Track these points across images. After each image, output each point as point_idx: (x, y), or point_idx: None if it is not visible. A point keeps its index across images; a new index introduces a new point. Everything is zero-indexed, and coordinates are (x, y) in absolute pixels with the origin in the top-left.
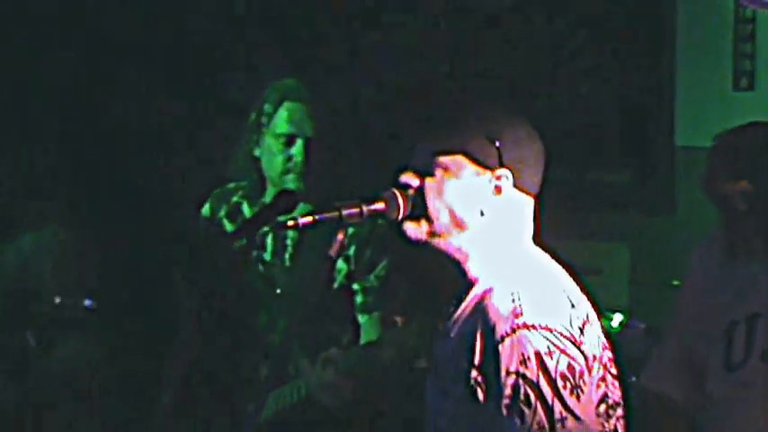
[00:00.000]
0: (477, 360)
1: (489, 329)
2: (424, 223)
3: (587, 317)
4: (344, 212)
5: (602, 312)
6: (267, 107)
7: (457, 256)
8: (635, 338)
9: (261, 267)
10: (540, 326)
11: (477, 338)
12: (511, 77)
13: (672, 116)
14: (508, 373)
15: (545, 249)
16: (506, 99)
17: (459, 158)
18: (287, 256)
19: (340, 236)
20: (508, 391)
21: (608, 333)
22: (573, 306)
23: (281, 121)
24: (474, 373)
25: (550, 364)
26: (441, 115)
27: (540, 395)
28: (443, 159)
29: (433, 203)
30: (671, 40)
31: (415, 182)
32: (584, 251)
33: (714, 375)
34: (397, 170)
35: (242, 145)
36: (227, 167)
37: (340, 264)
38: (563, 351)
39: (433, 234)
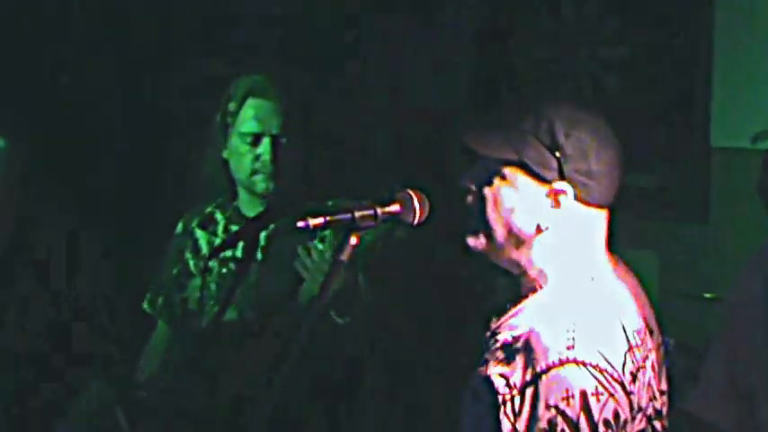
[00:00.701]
0: (514, 379)
1: (536, 353)
2: (482, 236)
3: (644, 360)
4: (358, 214)
5: None
6: (232, 105)
7: (514, 270)
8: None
9: (231, 266)
10: (591, 364)
11: (520, 355)
12: (531, 67)
13: (707, 114)
14: (548, 406)
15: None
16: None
17: (516, 169)
18: (258, 252)
19: (353, 240)
20: (543, 424)
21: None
22: (631, 347)
23: (247, 118)
24: (506, 390)
25: (595, 406)
26: (496, 119)
27: None
28: (500, 167)
29: (490, 214)
30: (708, 35)
31: (473, 187)
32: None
33: None
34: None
35: (211, 147)
36: (197, 173)
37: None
38: (611, 395)
39: (491, 247)
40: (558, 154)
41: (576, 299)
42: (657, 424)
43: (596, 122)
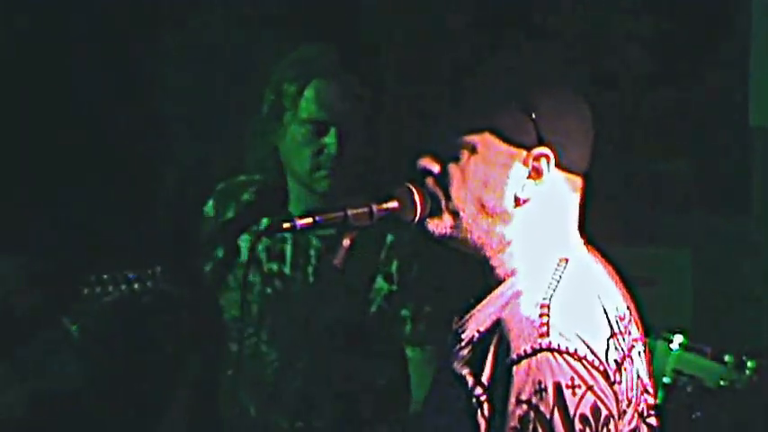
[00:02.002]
0: (485, 377)
1: (506, 344)
2: (447, 217)
3: (631, 350)
4: (351, 213)
5: (658, 333)
6: (288, 87)
7: (486, 252)
8: None
9: (277, 285)
10: (568, 351)
11: (490, 350)
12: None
13: (745, 91)
14: (518, 401)
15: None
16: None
17: (488, 137)
18: (310, 269)
19: (346, 241)
20: (514, 422)
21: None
22: (614, 334)
23: (308, 103)
24: (479, 391)
25: (571, 400)
26: (465, 87)
27: None
28: (469, 139)
29: (457, 192)
30: (746, 13)
31: (435, 168)
32: (636, 258)
33: None
34: (415, 158)
35: (261, 136)
36: (241, 163)
37: (379, 282)
38: (590, 388)
39: (458, 229)
40: (534, 116)
41: (554, 278)
42: (653, 420)
43: (564, 82)
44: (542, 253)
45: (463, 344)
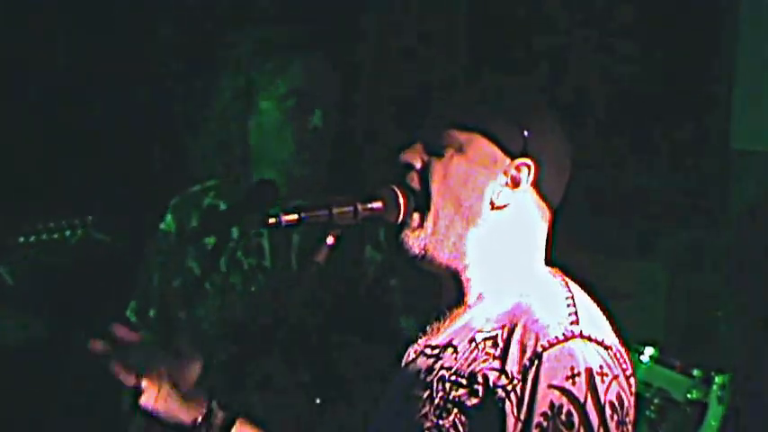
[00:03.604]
0: (511, 368)
1: (531, 335)
2: (428, 225)
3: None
4: (336, 211)
5: (629, 345)
6: (263, 64)
7: (460, 262)
8: None
9: (260, 279)
10: (597, 340)
11: (512, 347)
12: (540, 56)
13: (727, 113)
14: (550, 386)
15: (563, 270)
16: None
17: (476, 137)
18: (293, 256)
19: (330, 239)
20: (544, 407)
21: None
22: (621, 341)
23: (293, 78)
24: (504, 381)
25: (601, 387)
26: (465, 88)
27: (586, 419)
28: (457, 135)
29: (437, 188)
30: (732, 28)
31: (417, 163)
32: (612, 271)
33: None
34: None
35: (220, 126)
36: (194, 144)
37: (369, 251)
38: (615, 377)
39: (435, 236)
40: (525, 133)
41: (560, 281)
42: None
43: (554, 115)
44: (518, 267)
45: (480, 340)
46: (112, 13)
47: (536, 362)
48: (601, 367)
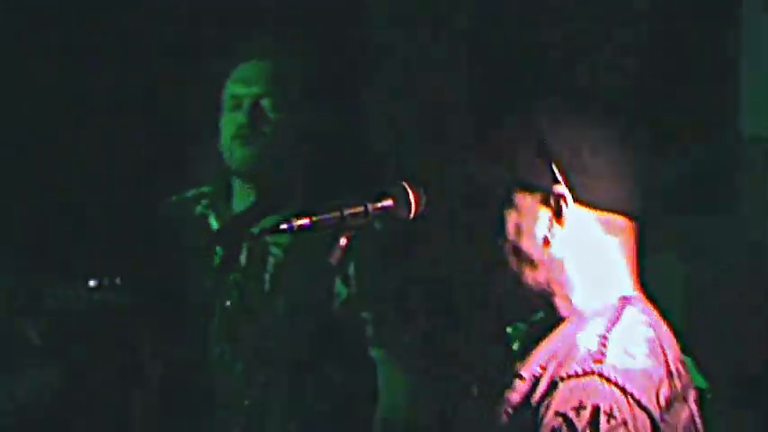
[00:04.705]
0: (537, 394)
1: (560, 363)
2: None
3: (685, 393)
4: (347, 212)
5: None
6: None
7: (542, 294)
8: None
9: (234, 295)
10: (616, 383)
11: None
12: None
13: (736, 95)
14: (556, 413)
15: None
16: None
17: (517, 192)
18: (266, 276)
19: (343, 240)
20: (545, 431)
21: None
22: (670, 373)
23: (231, 82)
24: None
25: (603, 426)
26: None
27: None
28: (510, 194)
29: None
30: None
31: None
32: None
33: None
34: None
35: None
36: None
37: (338, 286)
38: (624, 423)
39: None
40: (548, 158)
41: (610, 316)
42: None
43: (588, 119)
44: (593, 289)
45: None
46: (110, 18)
47: (552, 391)
48: (611, 408)
